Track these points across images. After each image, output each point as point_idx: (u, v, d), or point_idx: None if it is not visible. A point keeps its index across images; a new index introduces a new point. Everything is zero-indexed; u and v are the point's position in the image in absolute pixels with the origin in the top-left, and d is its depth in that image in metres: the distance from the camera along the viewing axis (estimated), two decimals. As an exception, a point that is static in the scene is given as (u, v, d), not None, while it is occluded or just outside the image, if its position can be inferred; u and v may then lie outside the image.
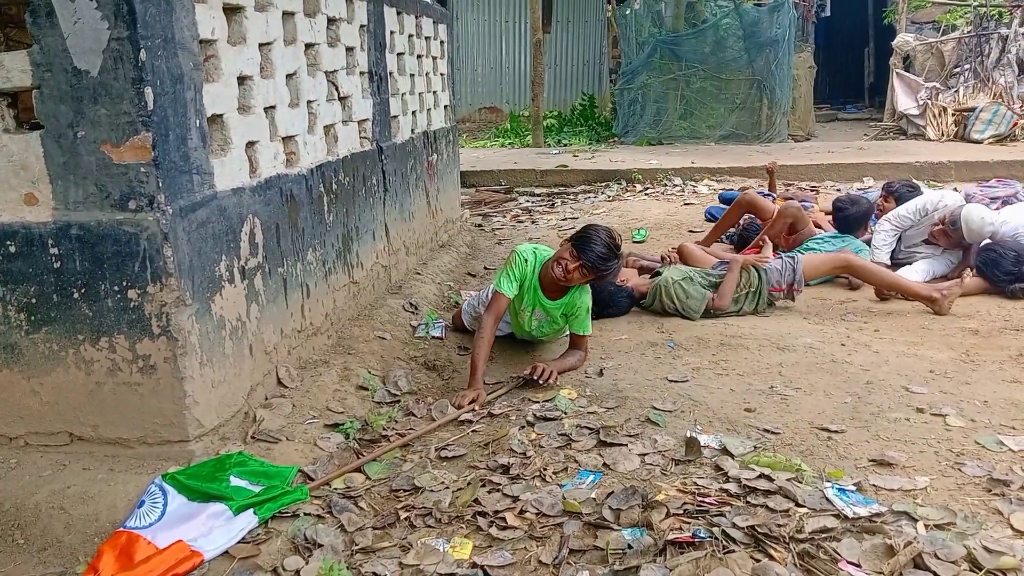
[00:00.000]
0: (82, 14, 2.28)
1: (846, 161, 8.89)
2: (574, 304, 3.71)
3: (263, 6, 3.12)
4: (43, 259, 2.47)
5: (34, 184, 2.43)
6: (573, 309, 3.72)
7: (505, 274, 3.70)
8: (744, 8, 11.78)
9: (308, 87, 3.57)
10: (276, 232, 3.20)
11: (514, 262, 3.72)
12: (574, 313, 3.72)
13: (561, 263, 3.54)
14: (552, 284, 3.68)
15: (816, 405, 3.14)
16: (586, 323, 3.72)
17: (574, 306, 3.71)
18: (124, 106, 2.34)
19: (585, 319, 3.71)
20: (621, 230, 7.00)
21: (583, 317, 3.71)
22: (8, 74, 2.36)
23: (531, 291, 3.75)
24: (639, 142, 11.93)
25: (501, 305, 3.65)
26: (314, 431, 2.93)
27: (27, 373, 2.57)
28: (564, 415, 3.07)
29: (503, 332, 4.04)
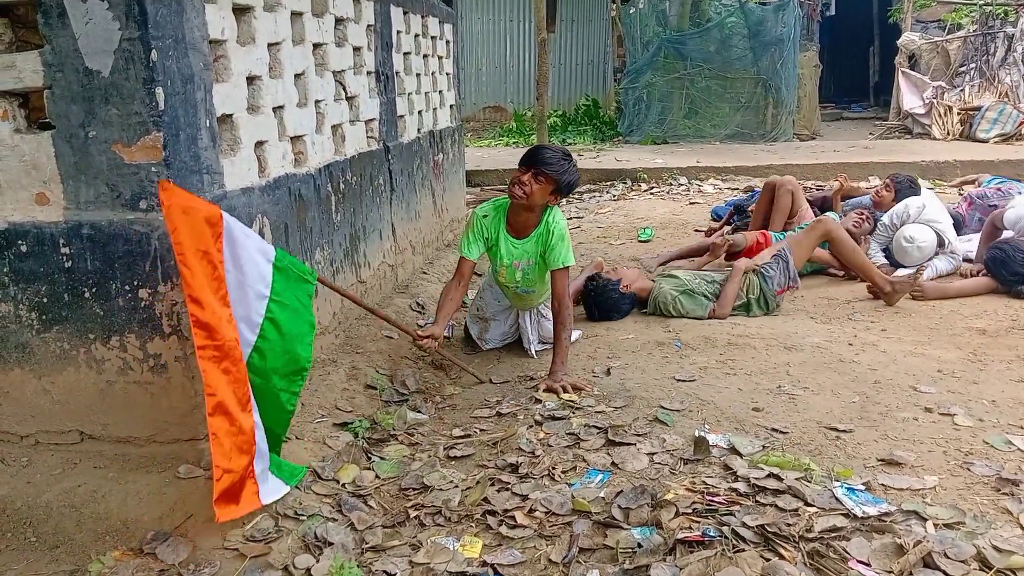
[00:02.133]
0: (93, 14, 2.29)
1: (852, 160, 8.89)
2: (548, 231, 3.58)
3: (272, 6, 3.13)
4: (54, 259, 2.48)
5: (45, 184, 2.44)
6: (548, 238, 3.58)
7: (465, 237, 3.68)
8: (749, 7, 11.78)
9: (316, 87, 3.57)
10: (285, 232, 3.20)
11: (472, 224, 3.69)
12: (550, 244, 3.57)
13: (516, 183, 3.46)
14: (521, 223, 3.63)
15: (824, 405, 3.14)
16: (565, 252, 3.57)
17: (549, 234, 3.58)
18: (135, 106, 2.35)
19: (562, 247, 3.56)
20: (627, 229, 7.04)
21: (559, 247, 3.56)
22: (20, 74, 2.37)
23: (505, 242, 3.69)
24: (644, 141, 11.92)
25: (464, 269, 3.63)
26: (323, 430, 2.94)
27: (38, 372, 2.58)
28: (572, 414, 3.07)
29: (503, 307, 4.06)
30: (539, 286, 3.87)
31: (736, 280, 4.32)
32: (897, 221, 5.18)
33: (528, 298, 3.95)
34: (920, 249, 4.94)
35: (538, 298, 3.97)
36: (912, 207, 5.16)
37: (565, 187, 3.53)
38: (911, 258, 4.98)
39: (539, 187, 3.46)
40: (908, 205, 5.20)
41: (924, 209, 5.10)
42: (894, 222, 5.19)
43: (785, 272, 4.37)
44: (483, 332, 4.13)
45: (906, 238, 4.98)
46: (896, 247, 5.05)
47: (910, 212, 5.17)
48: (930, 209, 5.17)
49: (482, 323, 4.13)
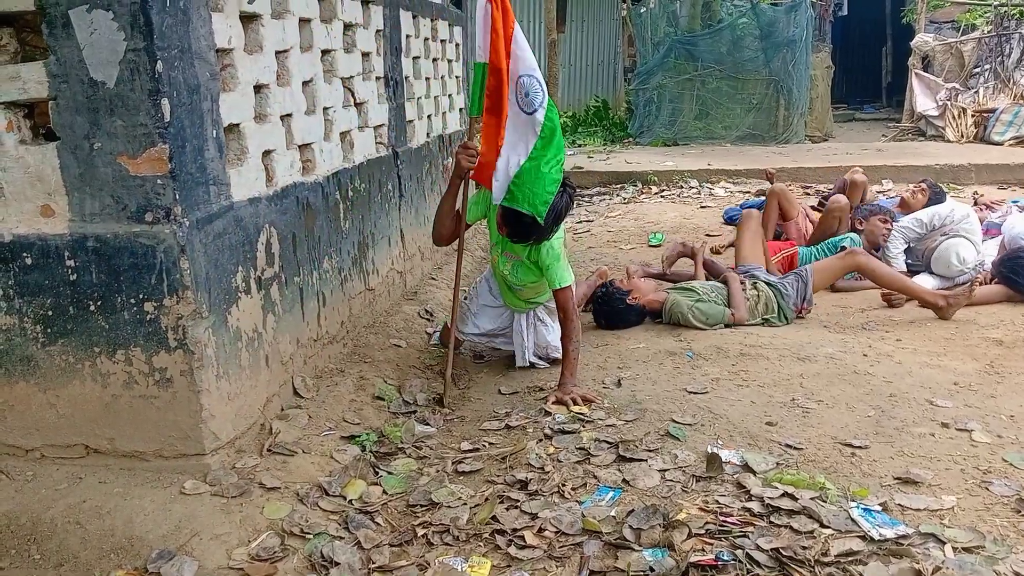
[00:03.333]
0: (98, 25, 2.26)
1: (865, 163, 8.74)
2: (539, 250, 3.50)
3: (280, 13, 3.10)
4: (59, 271, 2.45)
5: (50, 196, 2.42)
6: (539, 251, 3.50)
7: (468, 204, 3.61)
8: (761, 8, 11.69)
9: (324, 94, 3.54)
10: (292, 241, 3.17)
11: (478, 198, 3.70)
12: (545, 264, 3.50)
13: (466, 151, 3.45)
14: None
15: (839, 419, 3.08)
16: (560, 272, 3.48)
17: (539, 252, 3.50)
18: (141, 118, 2.32)
19: (556, 266, 3.48)
20: (637, 234, 6.99)
21: (555, 267, 3.48)
22: (24, 85, 2.34)
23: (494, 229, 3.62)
24: (654, 142, 11.85)
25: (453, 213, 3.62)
26: (330, 443, 2.91)
27: (43, 385, 2.56)
28: (582, 428, 3.03)
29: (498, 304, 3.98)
30: (529, 286, 3.77)
31: (735, 283, 4.26)
32: (937, 222, 5.03)
33: (519, 294, 3.84)
34: (963, 271, 4.84)
35: (531, 297, 3.87)
36: (958, 214, 5.02)
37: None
38: (949, 271, 4.88)
39: None
40: (954, 210, 5.07)
41: (967, 218, 5.00)
42: (934, 223, 5.03)
43: (802, 293, 4.30)
44: (461, 322, 3.93)
45: (959, 258, 4.84)
46: (943, 259, 4.89)
47: (955, 218, 5.01)
48: (972, 219, 5.06)
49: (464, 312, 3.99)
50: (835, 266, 4.43)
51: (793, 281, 4.33)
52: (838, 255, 4.48)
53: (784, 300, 4.28)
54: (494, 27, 3.20)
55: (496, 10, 3.21)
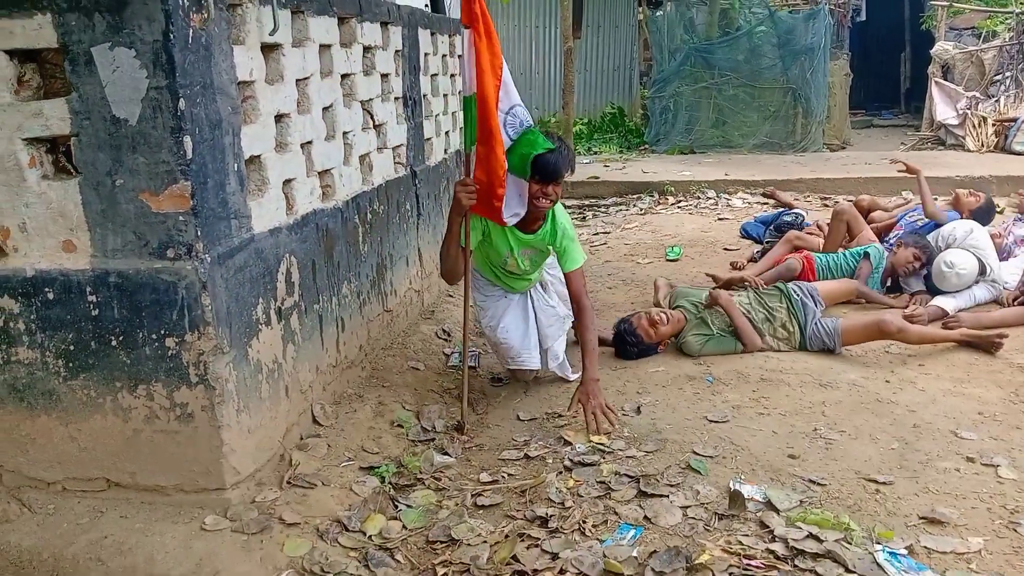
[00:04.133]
0: (121, 62, 2.26)
1: (884, 175, 8.70)
2: (556, 231, 3.54)
3: (300, 41, 3.10)
4: (81, 306, 2.46)
5: (72, 231, 2.42)
6: (558, 238, 3.54)
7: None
8: (779, 16, 11.61)
9: (344, 118, 3.54)
10: (312, 269, 3.17)
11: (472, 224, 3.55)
12: (562, 246, 3.54)
13: (542, 196, 3.39)
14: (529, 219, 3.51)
15: (862, 451, 3.05)
16: (577, 253, 3.56)
17: (557, 234, 3.54)
18: (163, 155, 2.32)
19: (574, 249, 3.56)
20: (655, 247, 6.95)
21: (571, 248, 3.55)
22: (47, 122, 2.35)
23: (510, 234, 3.56)
24: (671, 151, 11.79)
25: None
26: (349, 474, 2.90)
27: (65, 419, 2.56)
28: (602, 460, 3.01)
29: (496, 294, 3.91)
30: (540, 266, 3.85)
31: (733, 311, 4.20)
32: (943, 244, 5.03)
33: (526, 277, 3.84)
34: (959, 276, 4.80)
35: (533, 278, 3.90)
36: (960, 230, 5.01)
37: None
38: (949, 284, 4.85)
39: (559, 191, 3.49)
40: (955, 228, 5.05)
41: (972, 234, 4.96)
42: (939, 244, 5.05)
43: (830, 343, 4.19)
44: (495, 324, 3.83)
45: (946, 263, 4.83)
46: (936, 271, 4.90)
47: (956, 235, 5.02)
48: (978, 234, 5.03)
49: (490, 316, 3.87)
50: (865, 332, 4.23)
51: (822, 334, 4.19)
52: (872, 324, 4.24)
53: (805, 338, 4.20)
54: (479, 56, 3.16)
55: (479, 39, 3.16)
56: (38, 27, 2.26)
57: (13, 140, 2.35)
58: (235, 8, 2.61)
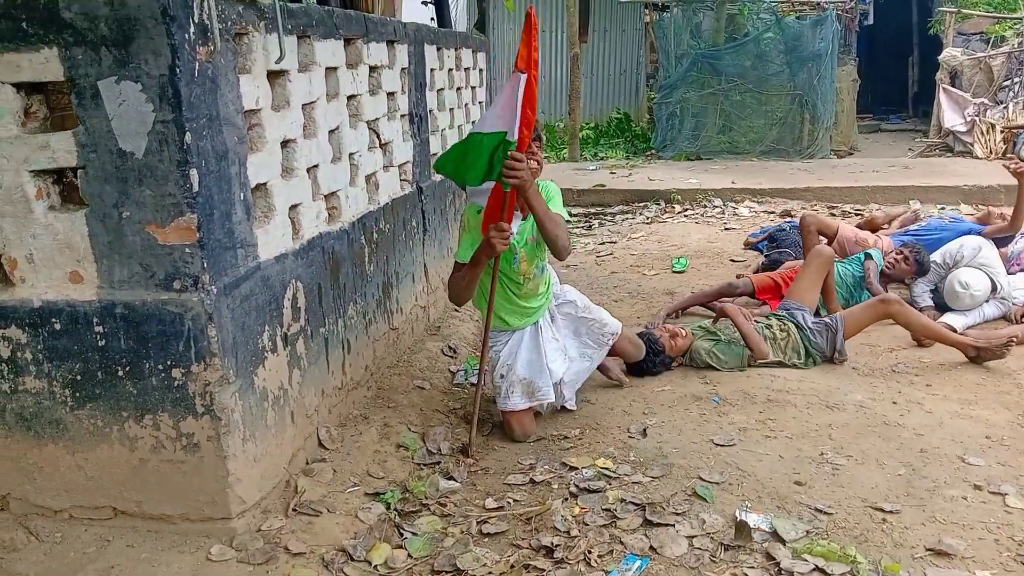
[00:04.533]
0: (127, 96, 2.27)
1: (891, 183, 8.69)
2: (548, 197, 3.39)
3: (306, 66, 3.10)
4: (88, 337, 2.47)
5: (79, 263, 2.43)
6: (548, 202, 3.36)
7: (465, 241, 3.40)
8: (786, 22, 11.58)
9: (350, 140, 3.54)
10: (318, 293, 3.17)
11: (469, 223, 3.44)
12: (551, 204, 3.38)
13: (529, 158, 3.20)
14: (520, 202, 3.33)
15: (869, 478, 3.04)
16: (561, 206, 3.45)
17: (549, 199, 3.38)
18: (169, 187, 2.32)
19: (560, 202, 3.47)
20: (661, 258, 6.94)
21: (558, 201, 3.46)
22: (54, 154, 2.35)
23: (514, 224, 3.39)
24: (677, 157, 11.78)
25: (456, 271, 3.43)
26: (355, 500, 2.90)
27: (72, 448, 2.57)
28: (608, 486, 3.00)
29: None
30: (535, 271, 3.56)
31: (740, 322, 4.20)
32: (950, 261, 5.02)
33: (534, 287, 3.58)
34: (973, 297, 4.78)
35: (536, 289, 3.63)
36: (968, 248, 4.99)
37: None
38: (962, 303, 4.82)
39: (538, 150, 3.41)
40: (963, 245, 5.03)
41: (980, 251, 4.94)
42: (947, 261, 5.03)
43: (832, 342, 4.22)
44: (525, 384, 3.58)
45: (961, 284, 4.79)
46: (948, 291, 4.87)
47: (964, 253, 5.00)
48: (987, 252, 5.01)
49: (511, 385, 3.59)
50: (866, 315, 4.34)
51: (823, 329, 4.25)
52: (871, 303, 4.37)
53: (813, 347, 4.22)
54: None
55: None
56: (45, 60, 2.26)
57: (20, 172, 2.36)
58: (241, 37, 2.61)
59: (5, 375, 2.53)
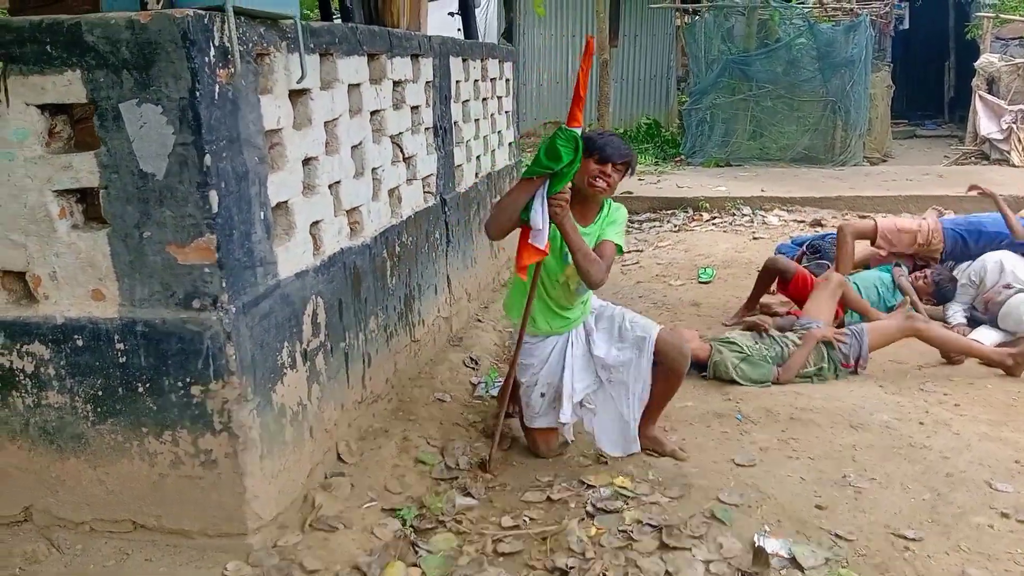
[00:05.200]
0: (148, 119, 2.29)
1: (925, 193, 8.54)
2: (611, 218, 3.31)
3: (328, 83, 3.12)
4: (109, 354, 2.50)
5: (101, 280, 2.46)
6: (609, 224, 3.29)
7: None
8: (818, 28, 11.45)
9: (373, 155, 3.55)
10: (339, 308, 3.19)
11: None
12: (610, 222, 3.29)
13: (599, 177, 3.15)
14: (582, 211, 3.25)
15: (893, 503, 2.99)
16: (620, 235, 3.29)
17: (611, 220, 3.31)
18: (189, 208, 2.35)
19: (621, 230, 3.31)
20: (687, 268, 6.89)
21: (619, 227, 3.30)
22: (77, 175, 2.39)
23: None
24: (706, 163, 11.69)
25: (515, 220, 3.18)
26: (371, 516, 2.91)
27: (93, 462, 2.61)
28: (625, 506, 2.98)
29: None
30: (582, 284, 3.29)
31: (807, 348, 4.16)
32: (975, 279, 4.94)
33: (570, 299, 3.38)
34: None
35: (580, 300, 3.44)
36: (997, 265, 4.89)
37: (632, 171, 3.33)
38: (1012, 323, 4.71)
39: (619, 178, 3.25)
40: (985, 263, 4.95)
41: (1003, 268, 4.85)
42: (973, 280, 4.95)
43: (856, 352, 4.19)
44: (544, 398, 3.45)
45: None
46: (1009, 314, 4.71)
47: (987, 267, 4.92)
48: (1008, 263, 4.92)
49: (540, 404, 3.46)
50: (891, 330, 4.29)
51: (848, 339, 4.21)
52: (896, 318, 4.32)
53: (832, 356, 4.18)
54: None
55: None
56: (68, 83, 2.30)
57: (44, 192, 2.40)
58: (263, 57, 2.63)
59: (29, 389, 2.57)
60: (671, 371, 3.38)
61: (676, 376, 3.41)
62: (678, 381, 3.43)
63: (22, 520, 2.69)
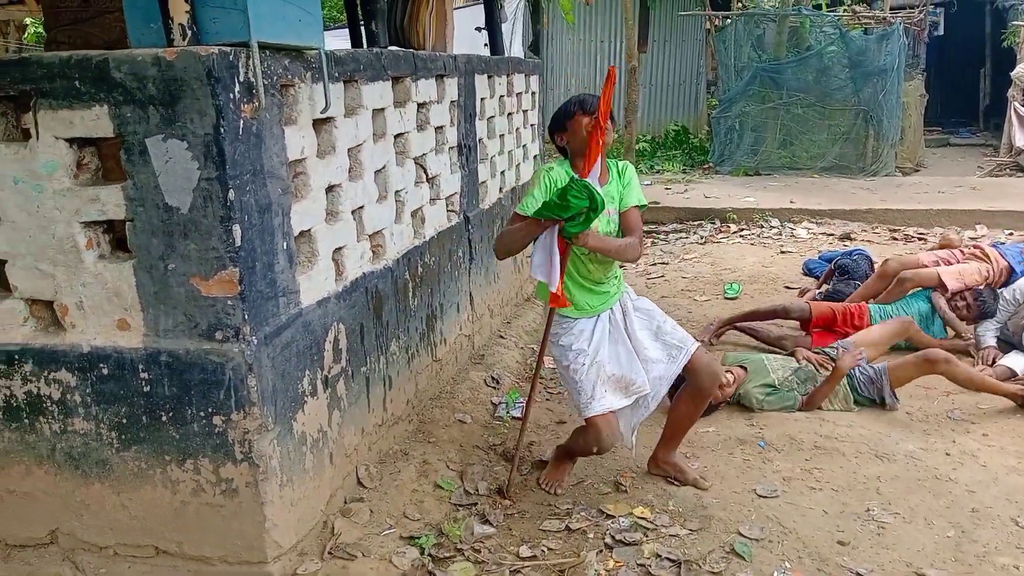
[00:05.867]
0: (173, 154, 2.32)
1: (957, 207, 8.41)
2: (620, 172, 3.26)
3: (353, 110, 3.13)
4: (134, 383, 2.53)
5: (126, 311, 2.49)
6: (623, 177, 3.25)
7: (530, 194, 3.11)
8: (850, 36, 11.31)
9: (396, 178, 3.57)
10: (360, 332, 3.21)
11: (540, 179, 3.16)
12: (628, 183, 3.23)
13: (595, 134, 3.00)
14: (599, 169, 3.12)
15: (916, 539, 2.95)
16: (640, 192, 3.25)
17: (622, 175, 3.25)
18: (213, 242, 2.37)
19: (638, 185, 3.26)
20: (713, 282, 6.85)
21: (635, 186, 3.24)
22: (103, 207, 2.42)
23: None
24: (735, 172, 11.60)
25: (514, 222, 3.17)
26: (390, 544, 2.92)
27: (117, 488, 2.64)
28: (644, 538, 2.97)
29: None
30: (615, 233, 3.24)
31: (835, 381, 4.10)
32: (1020, 297, 4.84)
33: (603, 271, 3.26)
34: None
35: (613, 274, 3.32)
36: None
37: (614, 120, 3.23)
38: None
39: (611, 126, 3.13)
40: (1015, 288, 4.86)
41: None
42: (1017, 298, 4.85)
43: (877, 392, 4.11)
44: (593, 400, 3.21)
45: None
46: None
47: None
48: None
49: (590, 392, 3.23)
50: (911, 370, 4.15)
51: (866, 383, 4.14)
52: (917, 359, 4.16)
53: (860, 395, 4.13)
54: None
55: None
56: (96, 117, 2.33)
57: (71, 223, 2.43)
58: (287, 89, 2.65)
59: (55, 416, 2.61)
60: (699, 392, 3.31)
61: (702, 398, 3.35)
62: (703, 403, 3.39)
63: (48, 543, 2.74)
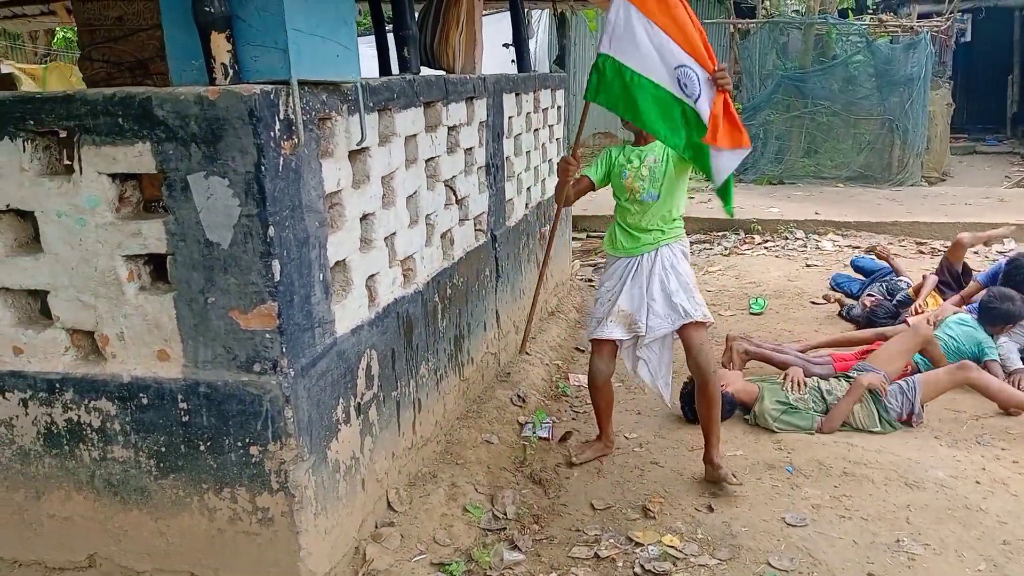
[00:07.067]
0: (214, 191, 2.36)
1: (983, 219, 8.32)
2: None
3: (387, 138, 3.17)
4: (173, 412, 2.57)
5: (166, 342, 2.53)
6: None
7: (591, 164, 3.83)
8: (876, 45, 11.23)
9: (427, 202, 3.60)
10: (391, 357, 3.24)
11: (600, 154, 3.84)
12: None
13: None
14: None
15: (946, 572, 2.94)
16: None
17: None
18: (252, 277, 2.41)
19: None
20: (738, 296, 6.83)
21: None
22: (145, 241, 2.46)
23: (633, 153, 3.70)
24: (759, 181, 11.55)
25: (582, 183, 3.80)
26: (421, 570, 2.95)
27: (155, 515, 2.68)
28: (673, 568, 2.98)
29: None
30: (665, 197, 3.66)
31: (853, 397, 4.10)
32: None
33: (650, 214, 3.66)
34: None
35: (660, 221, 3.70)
36: None
37: None
38: None
39: None
40: None
41: None
42: None
43: (907, 407, 4.12)
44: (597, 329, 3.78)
45: None
46: None
47: None
48: None
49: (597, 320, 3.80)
50: (944, 381, 4.19)
51: (897, 393, 4.14)
52: (950, 369, 4.23)
53: (887, 413, 4.11)
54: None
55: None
56: (139, 154, 2.37)
57: (114, 257, 2.48)
58: (324, 122, 2.69)
59: (95, 443, 2.66)
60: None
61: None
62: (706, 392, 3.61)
63: (86, 567, 2.79)
